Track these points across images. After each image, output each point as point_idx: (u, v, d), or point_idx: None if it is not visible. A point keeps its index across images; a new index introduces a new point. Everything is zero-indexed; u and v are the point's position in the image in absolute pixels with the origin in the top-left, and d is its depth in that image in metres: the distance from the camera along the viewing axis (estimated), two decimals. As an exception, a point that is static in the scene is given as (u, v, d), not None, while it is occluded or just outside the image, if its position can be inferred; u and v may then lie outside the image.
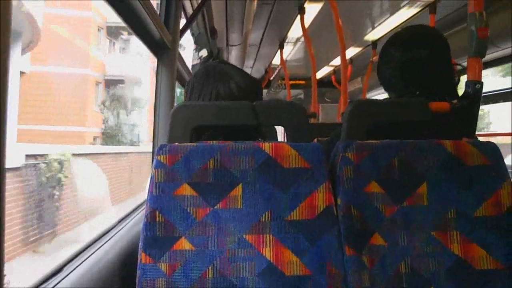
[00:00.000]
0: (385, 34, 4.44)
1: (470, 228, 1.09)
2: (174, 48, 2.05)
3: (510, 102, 4.23)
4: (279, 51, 5.18)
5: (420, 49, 1.33)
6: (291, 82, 6.23)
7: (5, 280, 0.56)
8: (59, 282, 0.87)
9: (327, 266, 1.03)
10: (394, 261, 1.05)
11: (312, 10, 3.83)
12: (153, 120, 1.93)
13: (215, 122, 1.17)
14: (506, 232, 1.09)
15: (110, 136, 15.98)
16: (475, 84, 1.33)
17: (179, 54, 2.28)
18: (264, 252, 1.03)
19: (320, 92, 5.79)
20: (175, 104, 1.69)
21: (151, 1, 1.62)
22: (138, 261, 1.01)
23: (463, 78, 1.44)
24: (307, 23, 3.89)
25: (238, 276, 1.01)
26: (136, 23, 1.64)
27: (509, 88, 4.23)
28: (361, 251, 1.05)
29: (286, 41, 5.00)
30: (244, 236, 1.03)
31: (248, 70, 6.67)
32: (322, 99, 7.10)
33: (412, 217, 1.08)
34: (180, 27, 2.26)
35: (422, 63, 1.32)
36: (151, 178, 1.05)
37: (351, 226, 1.07)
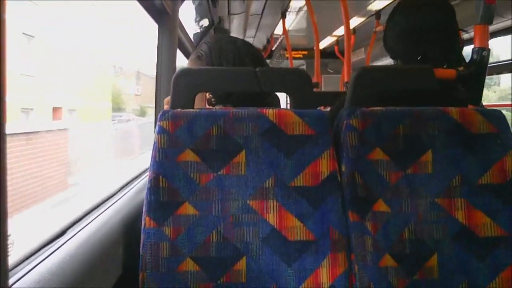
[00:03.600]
0: (388, 4, 4.36)
1: (474, 195, 1.08)
2: (174, 14, 2.02)
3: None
4: (281, 20, 5.10)
5: (425, 17, 1.33)
6: (294, 52, 6.17)
7: (9, 240, 0.55)
8: (63, 244, 0.87)
9: (330, 231, 1.04)
10: (397, 227, 1.05)
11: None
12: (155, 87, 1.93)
13: (217, 88, 1.16)
14: (510, 200, 1.09)
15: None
16: (482, 51, 1.32)
17: (180, 22, 2.24)
18: (268, 218, 1.03)
19: (323, 63, 5.73)
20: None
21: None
22: (142, 225, 1.01)
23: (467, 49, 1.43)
24: (310, -9, 3.82)
25: (242, 241, 1.02)
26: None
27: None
28: (364, 217, 1.05)
29: (289, 10, 4.92)
30: (248, 201, 1.03)
31: (250, 40, 6.56)
32: (324, 70, 7.04)
33: (416, 184, 1.08)
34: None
35: (427, 31, 1.32)
36: (154, 143, 1.04)
37: (355, 193, 1.06)
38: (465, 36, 1.40)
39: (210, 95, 1.25)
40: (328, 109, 1.51)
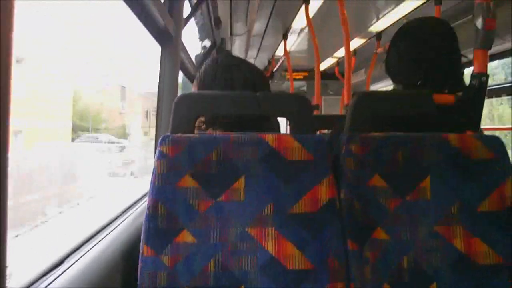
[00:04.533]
0: (389, 26, 4.40)
1: (473, 222, 1.08)
2: (177, 37, 2.04)
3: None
4: (282, 41, 5.15)
5: (428, 42, 1.34)
6: (294, 73, 6.21)
7: (8, 271, 0.55)
8: (61, 274, 0.87)
9: (329, 259, 1.03)
10: (396, 255, 1.05)
11: (316, 1, 3.80)
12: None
13: (218, 112, 1.16)
14: (509, 227, 1.08)
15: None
16: (481, 77, 1.33)
17: (182, 44, 2.27)
18: (266, 246, 1.02)
19: (323, 84, 5.75)
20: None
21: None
22: (140, 253, 1.00)
23: (467, 71, 1.44)
24: (311, 14, 3.86)
25: (240, 270, 1.01)
26: (140, 10, 1.63)
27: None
28: (363, 245, 1.05)
29: (290, 31, 4.96)
30: (246, 229, 1.03)
31: (251, 61, 6.53)
32: (325, 91, 7.07)
33: (415, 211, 1.08)
34: (184, 16, 2.25)
35: (430, 56, 1.33)
36: (153, 169, 1.04)
37: (354, 220, 1.06)
38: (463, 59, 1.41)
39: (200, 121, 1.24)
40: (327, 131, 1.52)
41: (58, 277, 0.85)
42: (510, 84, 3.91)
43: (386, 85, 5.59)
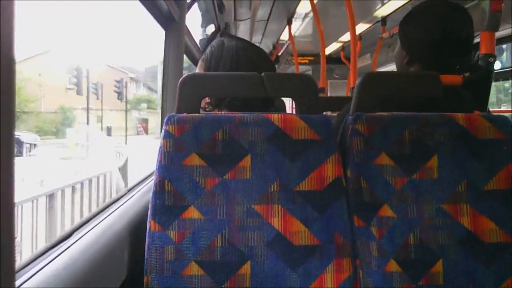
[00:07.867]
0: (394, 10, 4.36)
1: (480, 201, 1.08)
2: (181, 21, 2.04)
3: None
4: (287, 26, 5.12)
5: (456, 24, 1.28)
6: (300, 58, 6.18)
7: (16, 241, 0.56)
8: (68, 247, 0.88)
9: (335, 236, 1.04)
10: (402, 232, 1.05)
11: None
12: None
13: (223, 93, 1.16)
14: None
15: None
16: (488, 58, 1.32)
17: (186, 28, 2.26)
18: (272, 222, 1.03)
19: (329, 68, 5.74)
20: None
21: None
22: (147, 228, 1.02)
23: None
24: (315, -2, 3.83)
25: (246, 245, 1.02)
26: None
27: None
28: (369, 222, 1.05)
29: (295, 16, 4.93)
30: (252, 206, 1.04)
31: (255, 46, 6.59)
32: (330, 75, 7.05)
33: (422, 189, 1.08)
34: (188, 0, 2.24)
35: (459, 39, 1.28)
36: (159, 147, 1.05)
37: (360, 197, 1.06)
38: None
39: (206, 103, 1.25)
40: (331, 113, 1.51)
41: (65, 250, 0.86)
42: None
43: (391, 70, 5.56)
